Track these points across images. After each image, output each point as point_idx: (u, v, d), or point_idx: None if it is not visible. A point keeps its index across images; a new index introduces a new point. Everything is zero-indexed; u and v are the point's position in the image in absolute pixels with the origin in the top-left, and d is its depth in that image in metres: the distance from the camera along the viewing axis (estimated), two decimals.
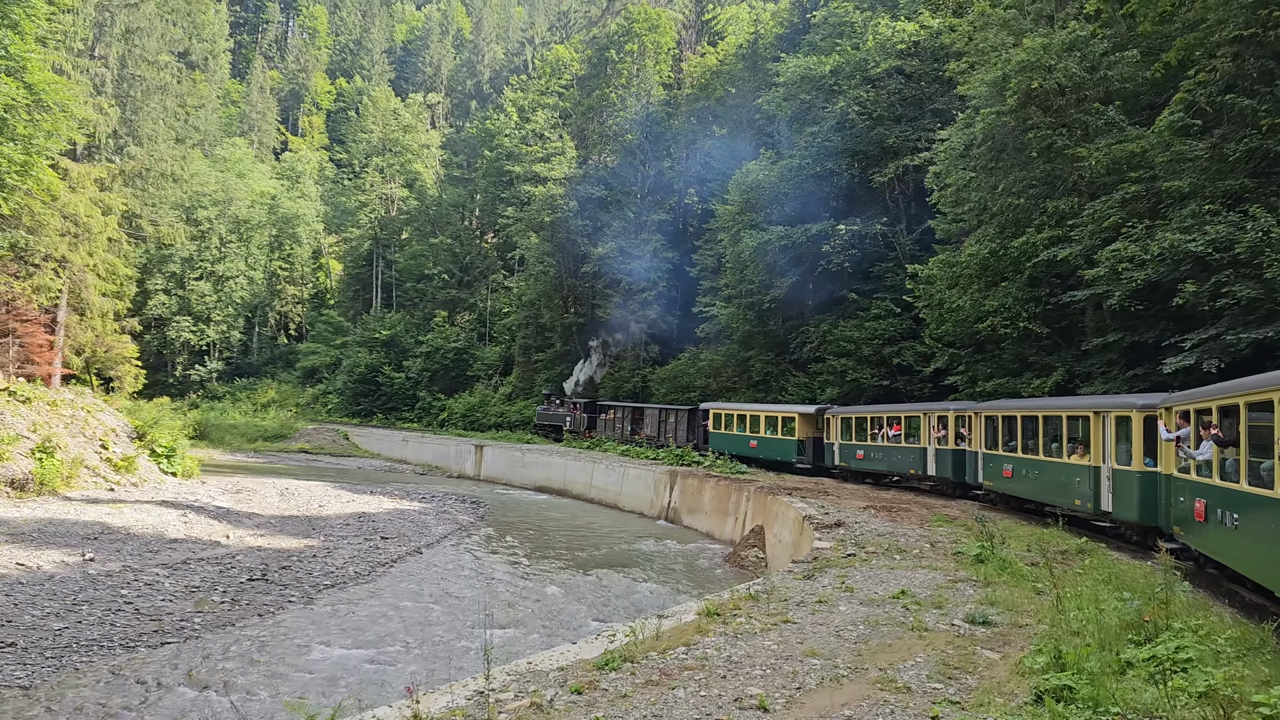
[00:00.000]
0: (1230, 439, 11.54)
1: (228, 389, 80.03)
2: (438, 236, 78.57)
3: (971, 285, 28.08)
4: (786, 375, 44.65)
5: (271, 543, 25.06)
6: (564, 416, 58.04)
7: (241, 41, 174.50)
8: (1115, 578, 12.96)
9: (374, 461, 58.22)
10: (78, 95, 29.09)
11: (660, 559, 26.99)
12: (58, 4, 28.24)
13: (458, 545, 27.48)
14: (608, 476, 43.06)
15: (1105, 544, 17.44)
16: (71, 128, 27.07)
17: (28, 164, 27.04)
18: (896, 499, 27.30)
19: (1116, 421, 17.21)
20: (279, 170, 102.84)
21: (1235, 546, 11.36)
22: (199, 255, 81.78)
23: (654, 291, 57.07)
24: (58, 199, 28.01)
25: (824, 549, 15.96)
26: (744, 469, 38.04)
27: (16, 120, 26.03)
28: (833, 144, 40.84)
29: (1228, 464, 11.74)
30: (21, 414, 32.13)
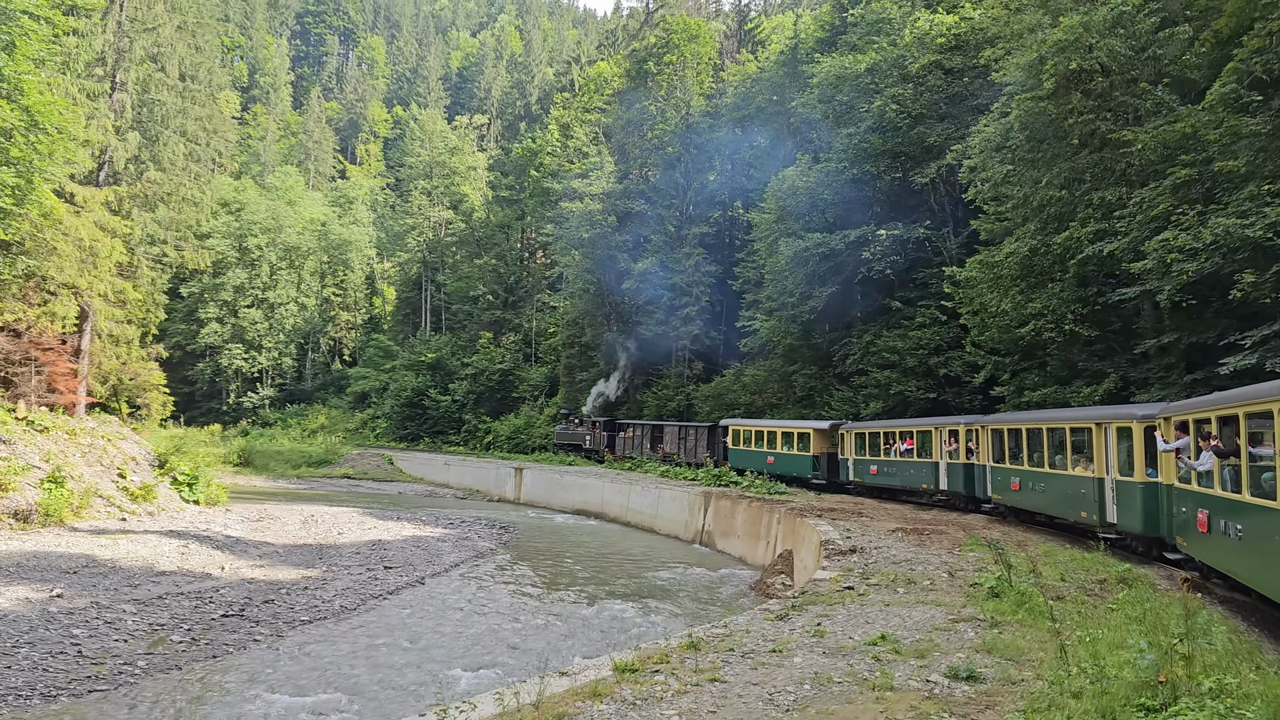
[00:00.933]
0: (1230, 449, 11.39)
1: (279, 415, 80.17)
2: (482, 257, 77.93)
3: (1013, 287, 25.90)
4: (830, 389, 42.59)
5: (268, 574, 23.89)
6: (583, 435, 57.69)
7: (302, 74, 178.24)
8: (1151, 615, 10.94)
9: (416, 486, 57.32)
10: (80, 118, 28.62)
11: (681, 588, 25.21)
12: (59, 26, 27.85)
13: (467, 575, 26.02)
14: (643, 499, 41.43)
15: (1153, 570, 15.33)
16: (71, 151, 26.38)
17: (24, 188, 26.46)
18: (936, 520, 25.22)
19: (1118, 433, 17.13)
20: (331, 197, 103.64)
21: (1239, 557, 11.32)
22: (250, 283, 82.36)
23: (696, 307, 55.39)
24: (61, 223, 27.39)
25: (822, 579, 14.12)
26: (782, 489, 36.09)
27: (11, 144, 25.47)
28: (870, 145, 38.88)
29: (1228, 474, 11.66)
30: (37, 444, 31.63)
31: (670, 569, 28.13)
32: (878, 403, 38.15)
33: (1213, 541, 12.30)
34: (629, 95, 63.08)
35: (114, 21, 36.70)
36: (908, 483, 30.01)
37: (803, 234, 40.47)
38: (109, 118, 35.98)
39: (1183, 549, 14.42)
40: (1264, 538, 10.27)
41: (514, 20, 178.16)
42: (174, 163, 37.85)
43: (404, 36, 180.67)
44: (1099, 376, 24.68)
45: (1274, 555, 9.97)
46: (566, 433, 59.64)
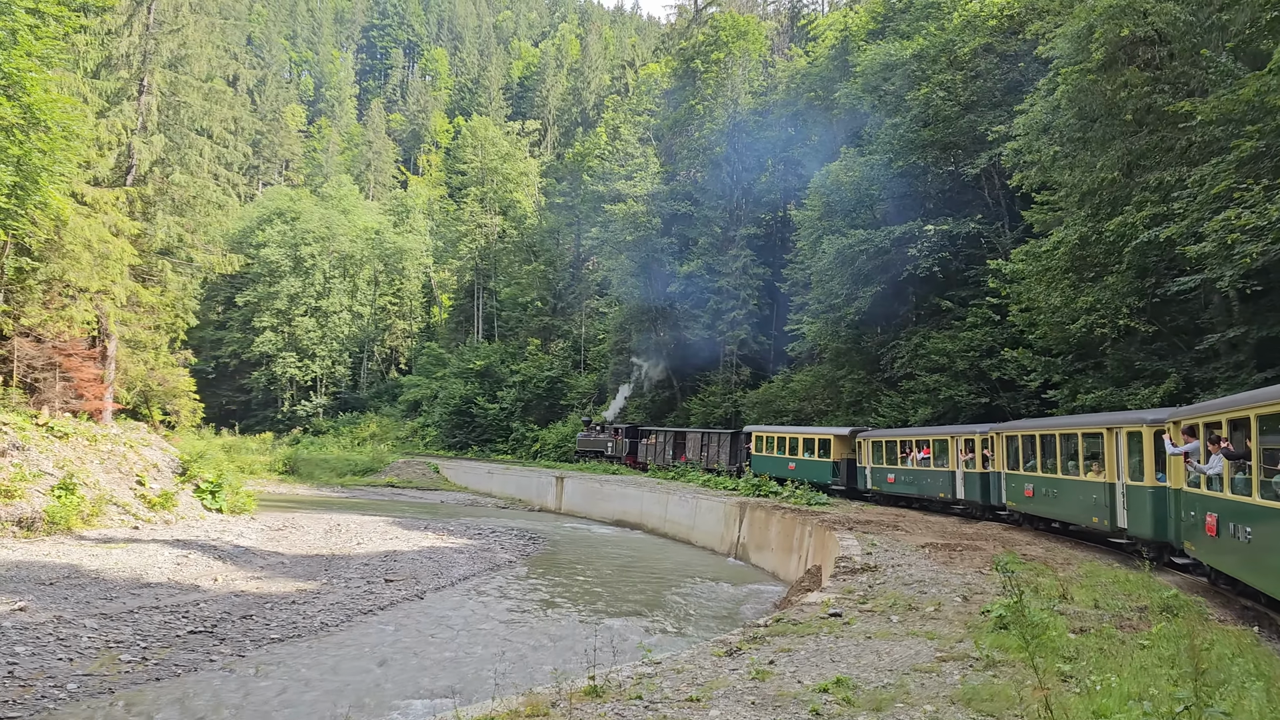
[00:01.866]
0: (1240, 452, 11.37)
1: (332, 424, 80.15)
2: (531, 263, 77.00)
3: (1062, 280, 23.65)
4: (878, 395, 40.36)
5: (261, 587, 22.76)
6: (605, 442, 57.38)
7: (368, 88, 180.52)
8: (1187, 655, 8.94)
9: (458, 495, 56.36)
10: (86, 116, 28.02)
11: (702, 605, 23.48)
12: (67, 23, 27.34)
13: (474, 589, 24.60)
14: (681, 509, 39.70)
15: (1204, 597, 13.21)
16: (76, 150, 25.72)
17: (29, 187, 25.86)
18: (979, 534, 23.11)
19: (1128, 437, 17.14)
20: (388, 206, 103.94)
21: (1248, 561, 11.32)
22: (303, 291, 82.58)
23: (743, 310, 53.48)
24: (67, 224, 26.76)
25: (812, 603, 12.34)
26: (823, 499, 34.15)
27: (11, 142, 24.84)
28: (917, 136, 36.71)
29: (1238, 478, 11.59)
30: (54, 450, 31.15)
31: (694, 585, 26.46)
32: (926, 408, 35.94)
33: (1221, 545, 12.24)
34: (676, 95, 61.55)
35: (140, 24, 36.40)
36: (924, 491, 29.80)
37: (846, 231, 38.39)
38: (133, 119, 35.62)
39: (1191, 554, 14.29)
40: (1273, 541, 10.24)
41: (575, 29, 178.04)
42: (200, 165, 37.31)
43: (466, 48, 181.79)
44: (1159, 377, 22.36)
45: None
46: (588, 439, 59.43)
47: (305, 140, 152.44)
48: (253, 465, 59.01)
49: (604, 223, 61.57)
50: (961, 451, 27.23)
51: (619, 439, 56.25)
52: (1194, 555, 14.08)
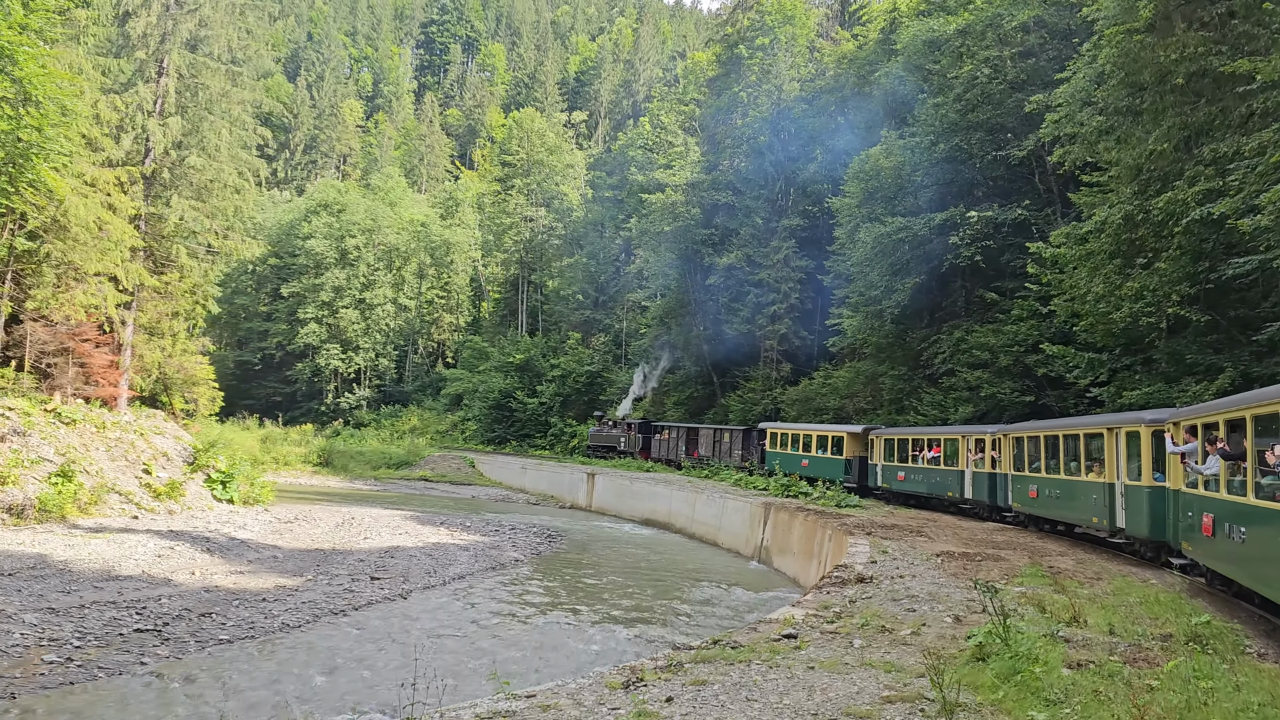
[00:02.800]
0: (1237, 453, 11.42)
1: (374, 416, 79.74)
2: (573, 255, 75.70)
3: (1106, 264, 21.47)
4: (919, 392, 38.17)
5: (239, 582, 21.63)
6: (618, 437, 57.28)
7: (426, 83, 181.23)
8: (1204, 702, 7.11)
9: (491, 490, 55.20)
10: (81, 91, 27.22)
11: (706, 613, 21.80)
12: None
13: (467, 589, 23.21)
14: (708, 509, 38.01)
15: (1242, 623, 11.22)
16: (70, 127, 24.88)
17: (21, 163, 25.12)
18: (1010, 541, 21.07)
19: (1127, 437, 17.19)
20: (436, 199, 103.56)
21: (1243, 561, 11.38)
22: (348, 283, 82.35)
23: (785, 304, 51.51)
24: (63, 202, 25.96)
25: (771, 620, 10.66)
26: (855, 501, 32.28)
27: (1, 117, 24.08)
28: (961, 117, 34.48)
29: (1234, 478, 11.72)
30: (58, 437, 30.53)
31: (706, 590, 24.84)
32: (968, 406, 33.75)
33: (1217, 546, 12.33)
34: (719, 82, 59.66)
35: (159, 4, 35.71)
36: (933, 490, 29.82)
37: (885, 219, 36.30)
38: (150, 101, 34.96)
39: (1188, 554, 14.38)
40: (1266, 541, 10.32)
41: (633, 24, 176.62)
42: (218, 148, 36.51)
43: (524, 43, 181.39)
44: (1214, 372, 20.09)
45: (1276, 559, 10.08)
46: (600, 434, 59.51)
47: (363, 135, 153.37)
48: (287, 457, 58.62)
49: (643, 213, 59.91)
50: (971, 451, 27.24)
51: (632, 434, 56.23)
52: (1191, 556, 14.14)
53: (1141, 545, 17.26)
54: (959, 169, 36.87)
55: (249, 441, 61.51)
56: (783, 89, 55.55)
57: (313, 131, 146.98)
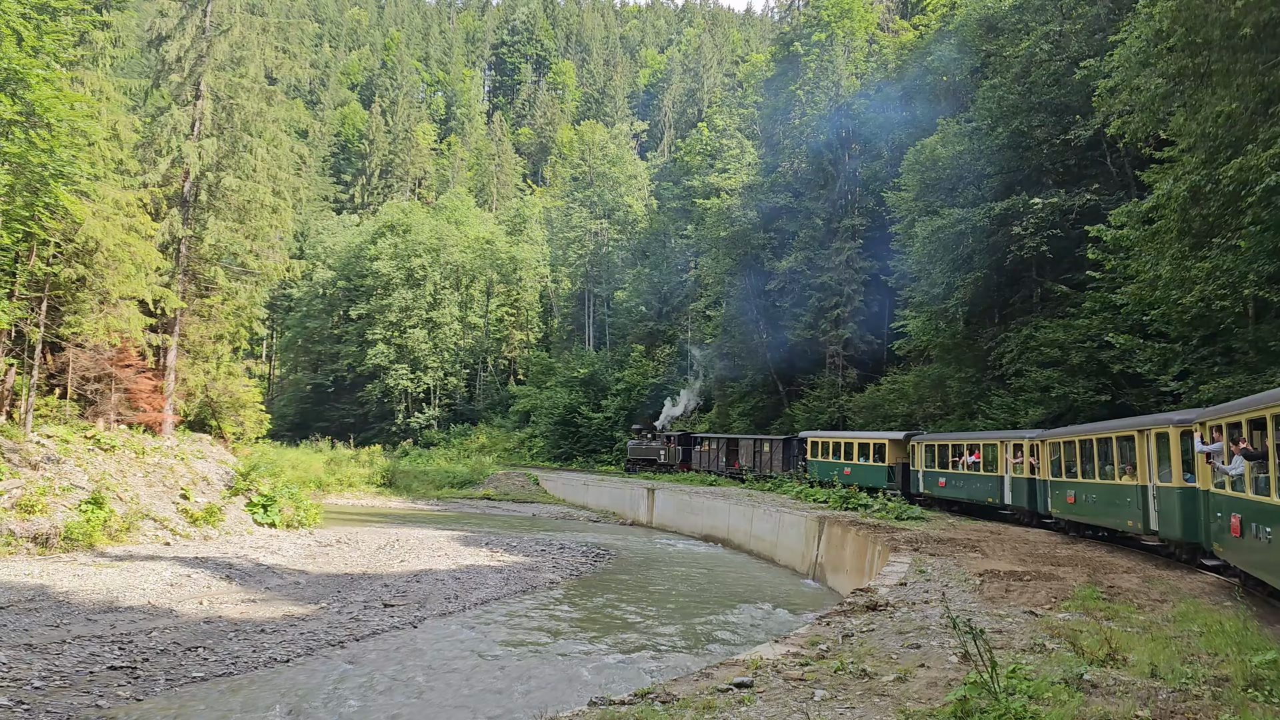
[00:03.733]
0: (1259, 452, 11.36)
1: (443, 435, 79.51)
2: (635, 267, 74.43)
3: (1172, 244, 19.19)
4: (988, 395, 35.77)
5: (245, 611, 20.69)
6: (657, 450, 56.92)
7: (498, 103, 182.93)
8: None
9: (553, 508, 54.07)
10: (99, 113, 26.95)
11: (745, 637, 20.07)
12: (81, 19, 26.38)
13: (485, 615, 21.90)
14: (764, 524, 36.19)
15: None
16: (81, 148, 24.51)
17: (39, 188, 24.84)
18: (1072, 558, 18.89)
19: (1156, 439, 17.04)
20: (503, 217, 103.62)
21: (1270, 562, 11.25)
22: (414, 303, 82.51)
23: (848, 308, 49.39)
24: (82, 225, 25.62)
25: (736, 662, 9.00)
26: (917, 512, 30.10)
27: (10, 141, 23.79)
28: (1020, 99, 32.17)
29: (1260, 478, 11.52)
30: (95, 463, 30.33)
31: (750, 613, 23.15)
32: (1038, 409, 31.32)
33: (1246, 546, 12.22)
34: (775, 82, 57.90)
35: (193, 27, 35.65)
36: (973, 496, 29.64)
37: (942, 211, 34.12)
38: (185, 124, 34.83)
39: (1219, 555, 14.26)
40: None
41: (701, 34, 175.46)
42: (254, 169, 36.21)
43: (594, 59, 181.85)
44: None
45: None
46: (639, 448, 59.07)
47: (436, 158, 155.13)
48: (351, 478, 58.43)
49: (700, 219, 58.36)
50: (1010, 457, 26.95)
51: (671, 446, 55.99)
52: (1222, 557, 13.97)
53: (1176, 547, 17.15)
54: (1023, 155, 34.59)
55: (314, 464, 61.70)
56: (841, 85, 53.47)
57: (388, 156, 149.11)
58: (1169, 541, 17.18)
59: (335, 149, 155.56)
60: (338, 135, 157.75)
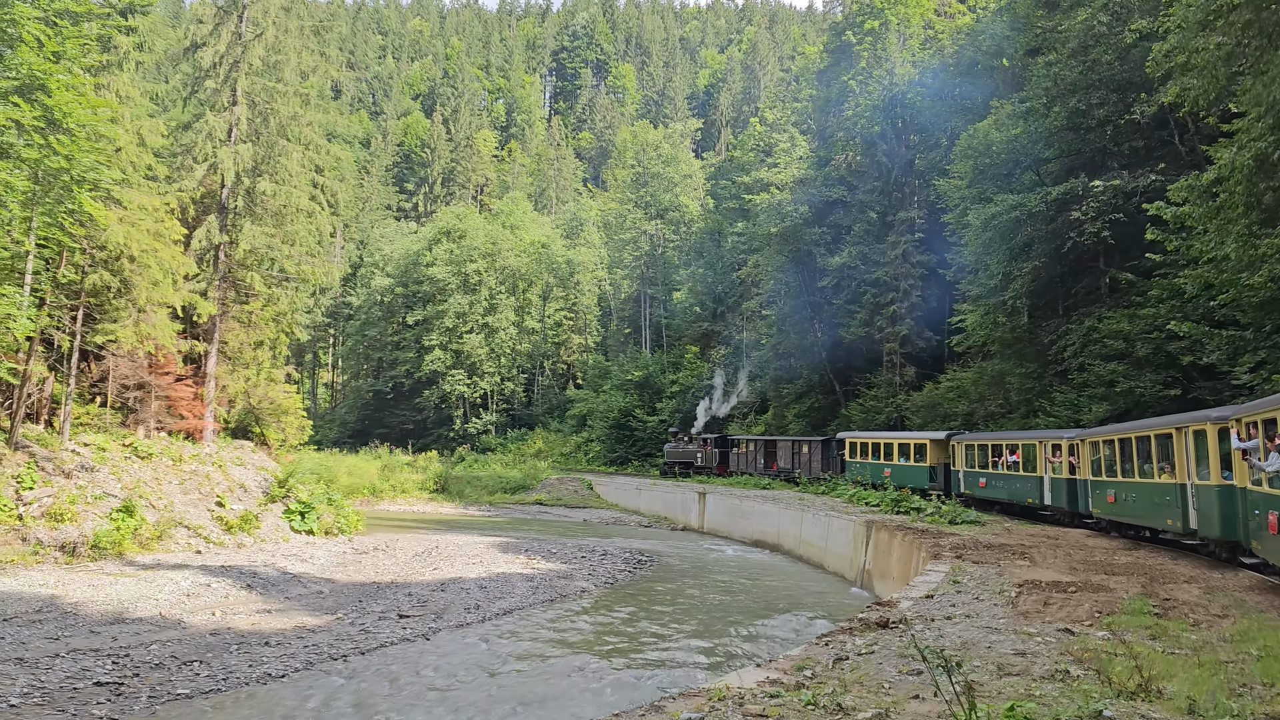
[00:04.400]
0: None
1: (500, 440, 79.10)
2: (689, 267, 73.11)
3: (1238, 219, 17.42)
4: (1049, 392, 33.78)
5: (257, 623, 20.04)
6: (694, 453, 56.42)
7: (558, 109, 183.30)
8: None
9: (605, 513, 53.13)
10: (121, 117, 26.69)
11: (778, 652, 18.75)
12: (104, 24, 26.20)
13: (503, 626, 20.93)
14: (814, 529, 34.75)
15: None
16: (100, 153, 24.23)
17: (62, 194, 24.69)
18: (1132, 565, 17.26)
19: (1194, 437, 16.83)
20: (560, 221, 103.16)
21: None
22: (470, 308, 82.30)
23: (905, 304, 47.53)
24: (105, 230, 25.37)
25: (692, 694, 7.82)
26: (971, 515, 28.39)
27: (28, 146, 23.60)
28: (1078, 75, 30.27)
29: None
30: (130, 471, 30.18)
31: (789, 624, 21.93)
32: (1103, 405, 29.33)
33: None
34: (828, 74, 56.26)
35: (228, 32, 35.51)
36: (1013, 496, 29.32)
37: (995, 198, 32.33)
38: (221, 130, 34.70)
39: (1258, 553, 14.10)
40: None
41: (763, 32, 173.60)
42: (289, 173, 35.90)
43: (654, 62, 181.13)
44: None
45: None
46: (676, 450, 58.65)
47: (497, 164, 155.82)
48: (405, 484, 58.24)
49: (745, 214, 56.89)
50: (1049, 456, 26.65)
51: (708, 449, 55.49)
52: (1261, 554, 13.87)
53: (1216, 546, 16.94)
54: (1084, 137, 32.68)
55: (370, 470, 61.68)
56: (895, 73, 51.64)
57: (449, 164, 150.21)
58: (1209, 540, 16.99)
59: (398, 158, 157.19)
60: (400, 145, 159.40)
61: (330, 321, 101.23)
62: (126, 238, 25.63)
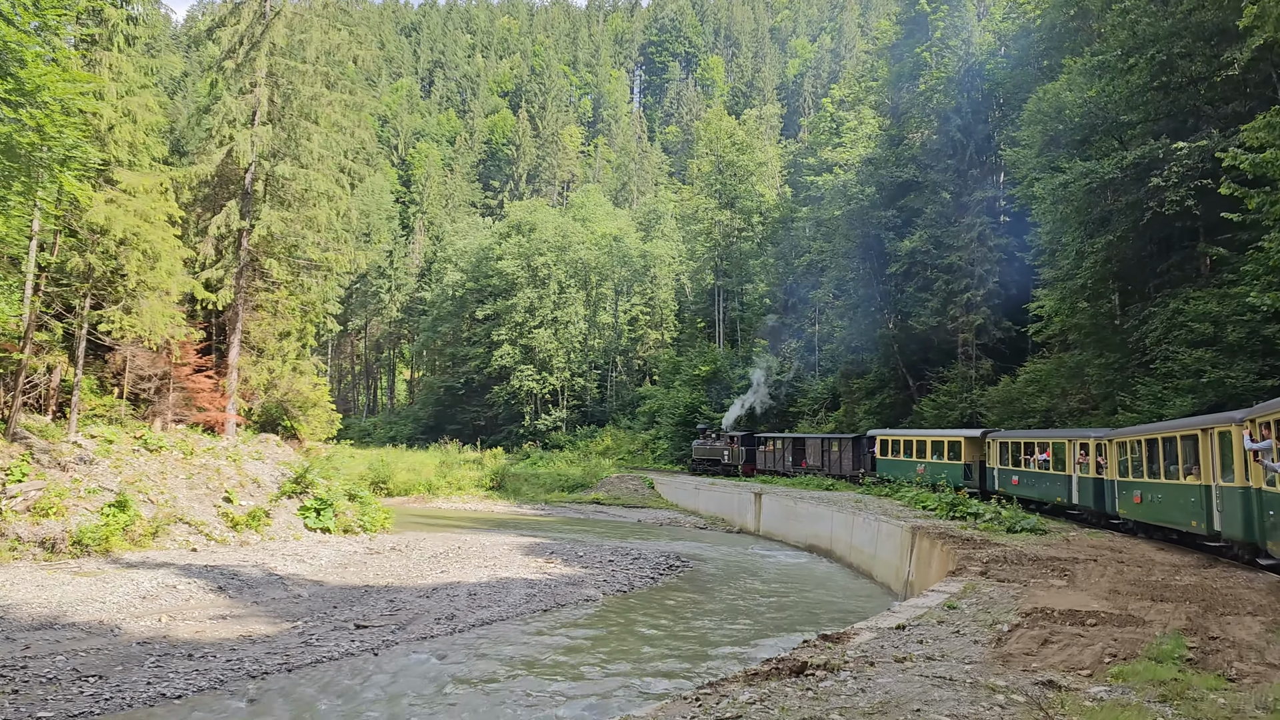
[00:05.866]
0: None
1: (569, 438, 77.21)
2: (760, 257, 69.92)
3: None
4: (1131, 384, 30.00)
5: (203, 631, 18.33)
6: (720, 450, 56.29)
7: (646, 104, 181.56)
8: None
9: (662, 513, 50.67)
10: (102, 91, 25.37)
11: None
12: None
13: (478, 639, 18.73)
14: (863, 535, 31.77)
15: None
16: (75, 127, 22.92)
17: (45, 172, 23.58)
18: (1187, 591, 14.13)
19: (1219, 438, 16.58)
20: (638, 214, 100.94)
21: None
22: (539, 302, 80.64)
23: (981, 291, 43.83)
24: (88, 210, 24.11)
25: None
26: (1033, 523, 25.02)
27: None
28: (1157, 23, 26.56)
29: None
30: (135, 465, 29.07)
31: (791, 643, 19.09)
32: (1186, 398, 25.64)
33: None
34: (900, 47, 52.61)
35: (250, 11, 34.29)
36: (1043, 495, 28.90)
37: (1066, 166, 28.79)
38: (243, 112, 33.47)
39: (1274, 554, 14.14)
40: None
41: (857, 19, 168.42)
42: (312, 156, 34.42)
43: (743, 53, 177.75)
44: None
45: None
46: (704, 448, 58.24)
47: (583, 160, 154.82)
48: (460, 481, 56.87)
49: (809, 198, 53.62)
50: (1078, 456, 26.25)
51: (735, 447, 55.01)
52: (1276, 555, 13.91)
53: (1239, 548, 16.70)
54: (1173, 97, 28.80)
55: (429, 467, 60.55)
56: (972, 44, 47.83)
57: (535, 161, 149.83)
58: (1232, 542, 16.75)
59: (484, 155, 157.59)
60: (488, 142, 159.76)
61: (405, 317, 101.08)
62: (109, 219, 24.29)
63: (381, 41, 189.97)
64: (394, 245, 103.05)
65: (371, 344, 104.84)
